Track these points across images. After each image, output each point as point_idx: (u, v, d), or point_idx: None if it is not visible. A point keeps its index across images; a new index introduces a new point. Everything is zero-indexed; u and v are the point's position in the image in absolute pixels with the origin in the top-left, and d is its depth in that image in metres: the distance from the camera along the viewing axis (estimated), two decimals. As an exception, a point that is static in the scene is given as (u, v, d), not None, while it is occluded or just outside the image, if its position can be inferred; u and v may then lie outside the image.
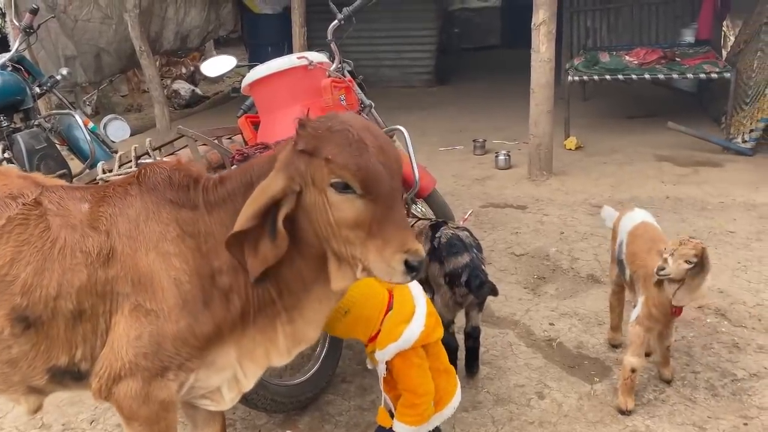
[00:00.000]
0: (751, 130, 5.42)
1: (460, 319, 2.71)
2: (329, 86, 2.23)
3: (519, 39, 6.53)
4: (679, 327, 3.07)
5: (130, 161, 2.21)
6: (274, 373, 2.52)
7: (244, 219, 1.44)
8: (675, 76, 6.11)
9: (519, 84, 5.18)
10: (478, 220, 4.62)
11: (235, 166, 1.98)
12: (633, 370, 2.47)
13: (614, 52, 6.91)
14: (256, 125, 2.42)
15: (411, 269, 1.46)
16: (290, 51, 6.29)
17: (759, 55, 6.00)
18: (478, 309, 2.60)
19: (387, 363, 1.93)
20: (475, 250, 2.47)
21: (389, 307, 1.97)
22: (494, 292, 2.42)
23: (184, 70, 11.34)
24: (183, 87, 10.29)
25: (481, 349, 2.89)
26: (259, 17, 9.43)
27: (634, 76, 6.07)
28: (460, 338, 2.72)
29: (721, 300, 3.27)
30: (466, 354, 2.72)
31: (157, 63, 11.48)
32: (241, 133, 2.51)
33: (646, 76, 6.09)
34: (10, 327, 1.50)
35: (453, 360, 2.46)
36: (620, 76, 6.09)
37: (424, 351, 2.01)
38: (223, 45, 13.25)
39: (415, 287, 2.06)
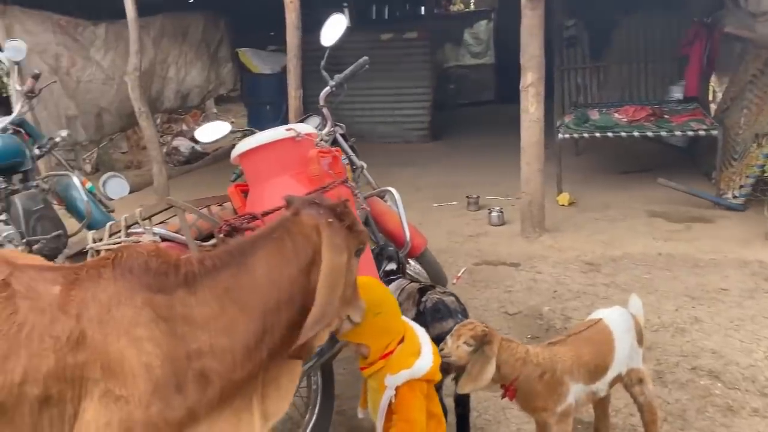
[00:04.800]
0: (741, 186, 5.48)
1: (450, 387, 2.69)
2: (316, 157, 2.29)
3: (512, 94, 6.69)
4: (673, 389, 3.05)
5: (120, 231, 2.24)
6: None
7: (334, 307, 1.63)
8: (663, 133, 6.23)
9: (512, 139, 5.26)
10: (471, 278, 4.62)
11: (221, 236, 2.01)
12: None
13: (604, 110, 7.06)
14: (245, 193, 2.47)
15: None
16: (287, 110, 6.42)
17: (745, 112, 6.14)
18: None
19: (396, 389, 1.97)
20: (460, 316, 2.47)
21: (401, 339, 2.03)
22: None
23: (184, 127, 11.57)
24: (183, 144, 10.46)
25: (474, 413, 2.86)
26: (258, 77, 9.70)
27: (623, 134, 6.18)
28: (450, 404, 2.69)
29: (714, 361, 3.24)
30: (456, 421, 2.67)
31: (158, 120, 11.75)
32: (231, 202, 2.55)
33: (635, 133, 6.20)
34: None
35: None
36: (609, 134, 6.20)
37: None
38: (224, 103, 13.56)
39: (418, 328, 2.18)
